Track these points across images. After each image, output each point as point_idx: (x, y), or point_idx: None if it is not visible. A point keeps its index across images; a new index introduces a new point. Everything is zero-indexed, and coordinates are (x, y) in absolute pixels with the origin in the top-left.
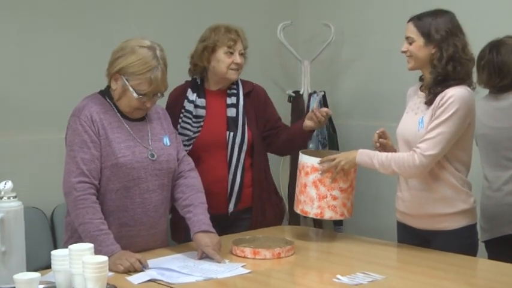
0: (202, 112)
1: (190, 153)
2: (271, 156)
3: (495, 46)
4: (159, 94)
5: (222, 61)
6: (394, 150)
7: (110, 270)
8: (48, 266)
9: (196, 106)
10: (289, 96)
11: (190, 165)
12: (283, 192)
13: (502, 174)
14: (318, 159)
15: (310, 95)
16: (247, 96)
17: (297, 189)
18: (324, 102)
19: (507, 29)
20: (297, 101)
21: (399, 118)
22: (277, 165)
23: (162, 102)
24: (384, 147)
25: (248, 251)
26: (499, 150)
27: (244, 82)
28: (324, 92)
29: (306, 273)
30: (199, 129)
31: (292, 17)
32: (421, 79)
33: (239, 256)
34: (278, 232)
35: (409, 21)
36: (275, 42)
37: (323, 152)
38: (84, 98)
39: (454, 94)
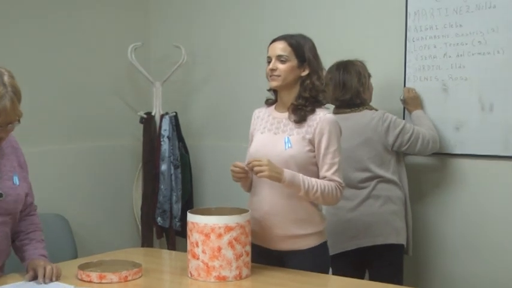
0: None
1: None
2: (125, 175)
3: (342, 65)
4: (15, 122)
5: None
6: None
7: None
8: None
9: None
10: (141, 118)
11: (35, 207)
12: (136, 214)
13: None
14: (236, 217)
15: (162, 116)
16: None
17: (205, 256)
18: (175, 123)
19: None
20: (148, 123)
21: (248, 139)
22: (130, 185)
23: None
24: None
25: (94, 276)
26: None
27: None
28: (176, 113)
29: None
30: None
31: (143, 38)
32: (267, 102)
33: (85, 281)
34: (129, 255)
35: (278, 39)
36: (126, 63)
37: (212, 210)
38: None
39: (331, 120)
